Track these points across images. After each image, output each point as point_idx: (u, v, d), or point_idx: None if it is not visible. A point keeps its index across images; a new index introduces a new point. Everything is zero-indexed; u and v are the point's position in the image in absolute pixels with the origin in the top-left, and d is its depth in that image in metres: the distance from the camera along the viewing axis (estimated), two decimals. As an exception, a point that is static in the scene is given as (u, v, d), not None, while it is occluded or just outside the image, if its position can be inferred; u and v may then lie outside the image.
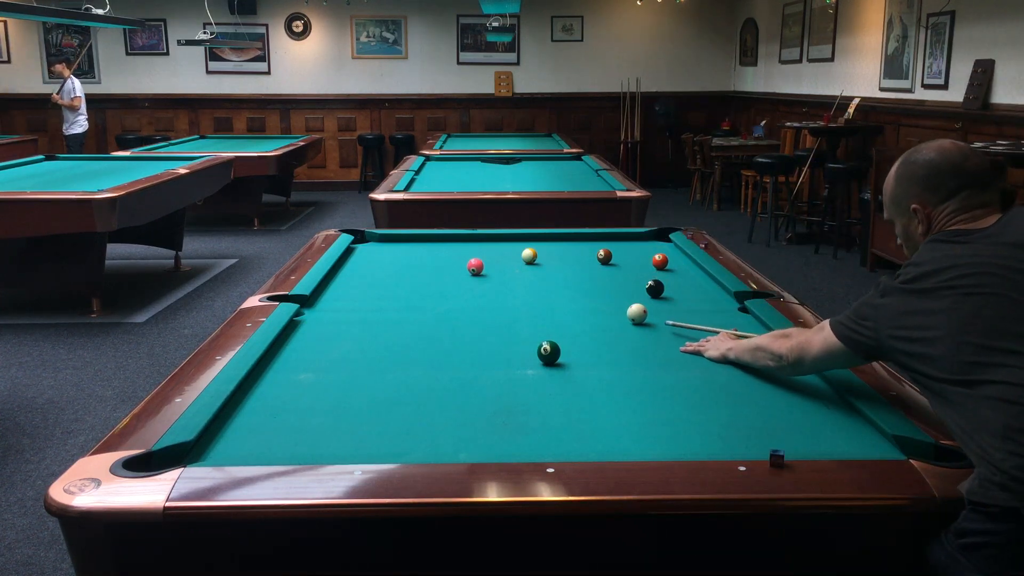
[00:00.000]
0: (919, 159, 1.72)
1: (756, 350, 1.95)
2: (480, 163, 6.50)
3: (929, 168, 1.70)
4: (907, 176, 1.73)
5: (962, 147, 1.72)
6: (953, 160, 1.68)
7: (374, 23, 11.24)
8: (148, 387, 4.13)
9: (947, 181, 1.67)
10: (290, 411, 1.82)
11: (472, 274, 2.98)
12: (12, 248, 5.38)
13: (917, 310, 1.57)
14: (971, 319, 1.49)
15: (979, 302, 1.50)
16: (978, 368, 1.46)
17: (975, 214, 1.65)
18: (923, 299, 1.57)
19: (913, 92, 6.94)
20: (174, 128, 11.32)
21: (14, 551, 2.84)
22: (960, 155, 1.69)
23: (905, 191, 1.73)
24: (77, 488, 1.41)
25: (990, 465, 1.38)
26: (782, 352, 1.85)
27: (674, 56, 11.45)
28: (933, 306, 1.54)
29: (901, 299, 1.60)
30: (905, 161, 1.75)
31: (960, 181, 1.66)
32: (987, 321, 1.48)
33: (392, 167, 7.95)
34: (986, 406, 1.43)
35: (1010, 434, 1.38)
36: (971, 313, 1.50)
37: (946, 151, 1.70)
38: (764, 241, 7.84)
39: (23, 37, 11.17)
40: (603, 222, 4.20)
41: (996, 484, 1.36)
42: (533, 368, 2.06)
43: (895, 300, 1.61)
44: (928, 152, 1.72)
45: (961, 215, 1.66)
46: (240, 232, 8.41)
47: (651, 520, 1.43)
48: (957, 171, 1.67)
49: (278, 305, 2.50)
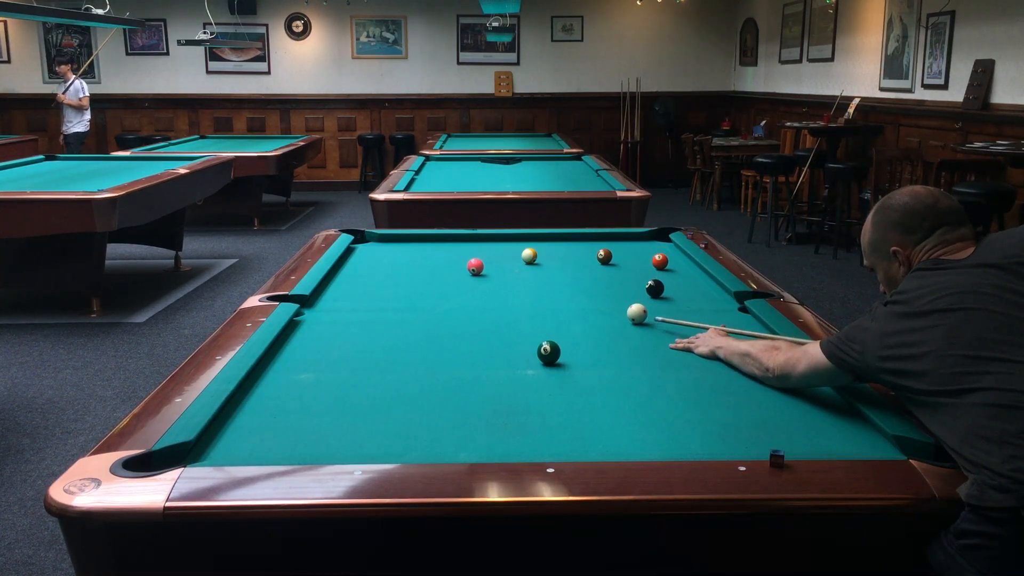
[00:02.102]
0: (894, 204, 1.82)
1: (745, 356, 1.98)
2: (480, 163, 6.50)
3: (904, 211, 1.79)
4: (883, 222, 1.82)
5: (932, 190, 1.83)
6: (926, 202, 1.78)
7: (374, 23, 11.24)
8: (148, 387, 4.13)
9: (923, 222, 1.77)
10: (290, 411, 1.82)
11: (472, 274, 2.99)
12: (12, 248, 5.38)
13: (903, 330, 1.62)
14: (955, 333, 1.55)
15: (962, 317, 1.56)
16: (965, 378, 1.49)
17: (954, 247, 1.74)
18: (909, 320, 1.63)
19: (913, 92, 6.94)
20: (174, 128, 11.32)
21: (14, 551, 2.84)
22: (931, 197, 1.80)
23: (883, 236, 1.82)
24: (77, 488, 1.41)
25: (987, 470, 1.38)
26: (769, 365, 1.90)
27: (674, 56, 11.45)
28: (918, 325, 1.60)
29: (888, 322, 1.66)
30: (880, 208, 1.85)
31: (935, 220, 1.76)
32: (970, 333, 1.54)
33: (392, 167, 7.95)
34: (976, 413, 1.45)
35: (1006, 438, 1.40)
36: (954, 327, 1.55)
37: (918, 195, 1.81)
38: (764, 241, 7.84)
39: (23, 37, 11.17)
40: (603, 222, 4.20)
41: (994, 487, 1.36)
42: (533, 368, 2.06)
43: (882, 324, 1.67)
44: (902, 197, 1.82)
45: (940, 249, 1.75)
46: (240, 232, 8.41)
47: (651, 520, 1.43)
48: (931, 211, 1.77)
49: (278, 305, 2.50)
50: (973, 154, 5.44)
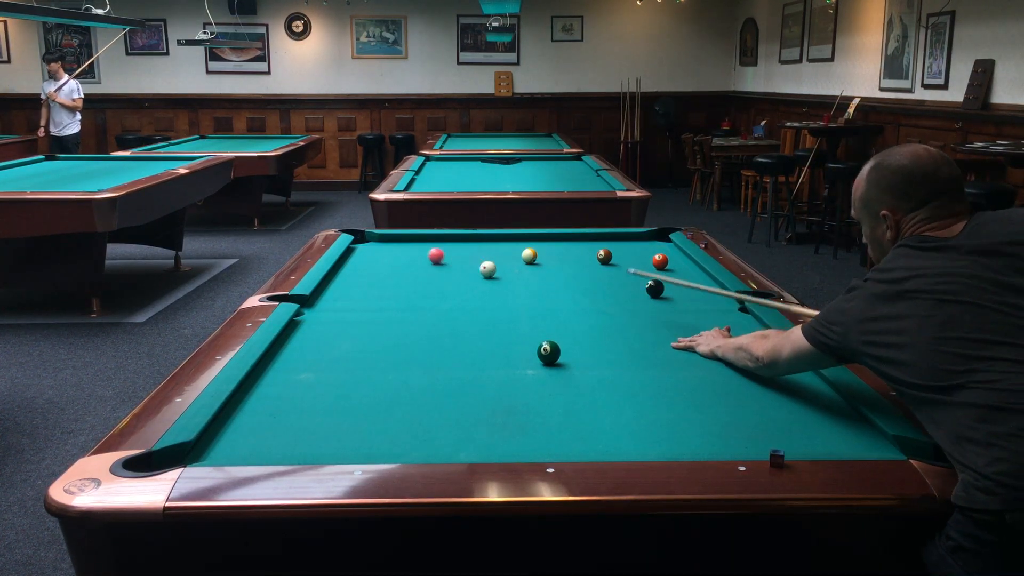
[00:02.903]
0: (892, 164, 1.72)
1: (738, 350, 1.98)
2: (480, 163, 6.50)
3: (901, 175, 1.69)
4: (878, 181, 1.73)
5: (935, 155, 1.71)
6: (925, 169, 1.68)
7: (374, 23, 11.24)
8: (148, 387, 4.13)
9: (918, 190, 1.67)
10: (290, 411, 1.82)
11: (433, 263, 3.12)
12: (12, 248, 5.38)
13: (885, 315, 1.57)
14: (943, 327, 1.50)
15: (951, 310, 1.51)
16: (953, 375, 1.46)
17: (945, 222, 1.65)
18: (891, 304, 1.57)
19: (913, 92, 6.94)
20: (174, 128, 11.32)
21: (14, 551, 2.84)
22: (932, 164, 1.68)
23: (875, 196, 1.73)
24: (77, 488, 1.41)
25: (973, 471, 1.37)
26: (759, 354, 1.89)
27: (674, 56, 11.45)
28: (901, 311, 1.55)
29: (869, 304, 1.61)
30: (878, 165, 1.74)
31: (931, 189, 1.67)
32: (960, 329, 1.48)
33: (392, 167, 7.94)
34: (964, 414, 1.43)
35: (993, 440, 1.37)
36: (943, 321, 1.50)
37: (919, 158, 1.69)
38: (764, 241, 7.84)
39: (23, 37, 11.17)
40: (603, 222, 4.20)
41: (979, 489, 1.35)
42: (533, 368, 2.06)
43: (863, 304, 1.62)
44: (901, 158, 1.71)
45: (931, 223, 1.66)
46: (240, 232, 8.41)
47: (651, 520, 1.43)
48: (929, 180, 1.67)
49: (278, 305, 2.50)
50: (973, 154, 5.44)
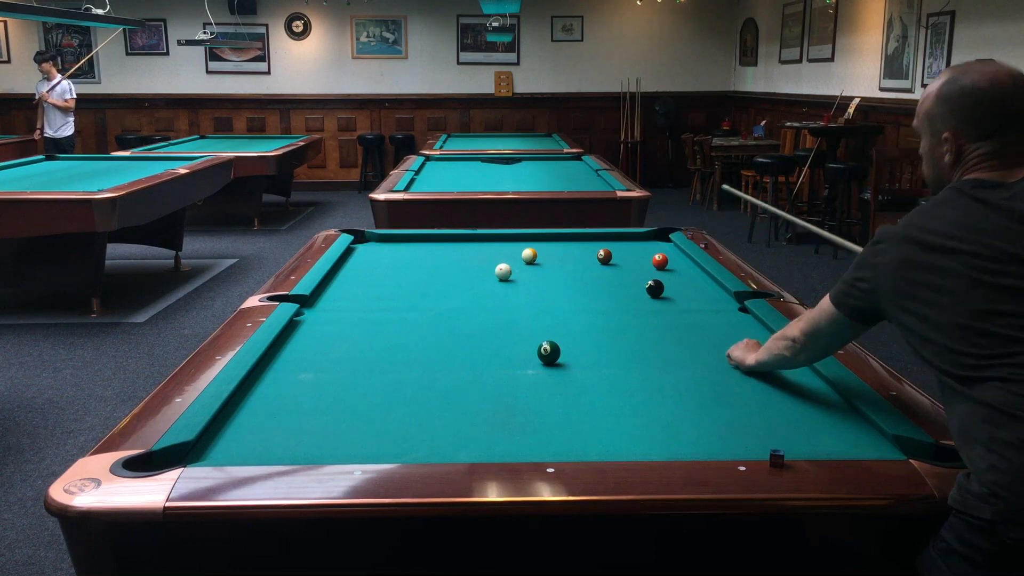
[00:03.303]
0: (966, 85, 1.51)
1: (771, 343, 1.89)
2: (480, 163, 6.50)
3: (974, 98, 1.50)
4: (948, 99, 1.53)
5: (1018, 79, 1.49)
6: (1004, 93, 1.48)
7: (374, 23, 11.24)
8: (148, 387, 4.13)
9: (990, 119, 1.49)
10: (290, 411, 1.82)
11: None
12: (12, 248, 5.38)
13: (923, 264, 1.44)
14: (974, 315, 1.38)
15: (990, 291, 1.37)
16: (975, 367, 1.38)
17: (1011, 160, 1.48)
18: (931, 255, 1.43)
19: (913, 92, 6.94)
20: (174, 128, 11.31)
21: (14, 551, 2.84)
22: (1013, 88, 1.48)
23: (942, 114, 1.54)
24: (77, 488, 1.41)
25: (972, 475, 1.36)
26: (795, 335, 1.78)
27: (674, 56, 11.45)
28: (944, 265, 1.41)
29: (906, 248, 1.47)
30: (952, 80, 1.53)
31: (1005, 121, 1.48)
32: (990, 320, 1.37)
33: (392, 167, 7.95)
34: (975, 409, 1.37)
35: (993, 446, 1.33)
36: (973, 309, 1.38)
37: (998, 81, 1.49)
38: (764, 241, 7.84)
39: (23, 37, 11.17)
40: (603, 222, 4.20)
41: (974, 495, 1.33)
42: (533, 368, 2.06)
43: (897, 249, 1.49)
44: (980, 77, 1.50)
45: (992, 160, 1.48)
46: (240, 232, 8.41)
47: (651, 520, 1.43)
48: (1004, 109, 1.48)
49: (278, 305, 2.50)
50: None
